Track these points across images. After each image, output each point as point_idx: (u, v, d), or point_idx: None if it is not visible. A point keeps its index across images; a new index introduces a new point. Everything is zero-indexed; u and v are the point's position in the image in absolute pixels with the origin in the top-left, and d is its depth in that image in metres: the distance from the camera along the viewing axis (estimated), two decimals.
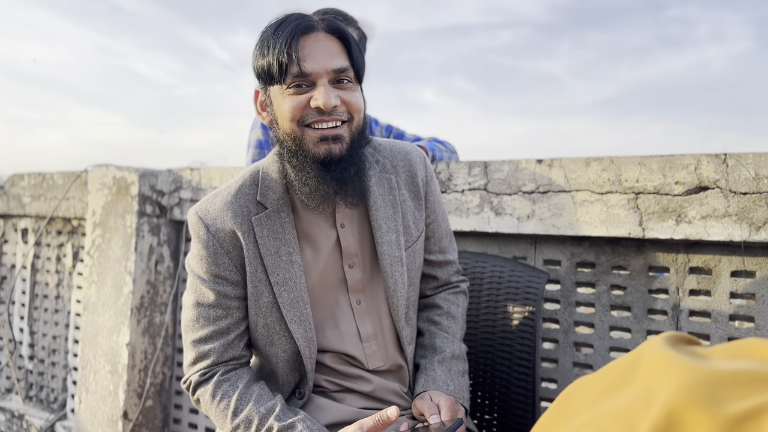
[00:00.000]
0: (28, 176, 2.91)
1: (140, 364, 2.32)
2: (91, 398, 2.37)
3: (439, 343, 1.31)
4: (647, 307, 1.58)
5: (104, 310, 2.36)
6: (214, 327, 1.19)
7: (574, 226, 1.58)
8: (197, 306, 1.20)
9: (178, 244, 2.45)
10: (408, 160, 1.31)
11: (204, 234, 1.19)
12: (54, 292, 2.88)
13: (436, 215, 1.35)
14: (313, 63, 1.09)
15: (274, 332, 1.20)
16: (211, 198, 1.22)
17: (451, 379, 1.26)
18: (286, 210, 1.20)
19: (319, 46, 1.11)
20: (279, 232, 1.19)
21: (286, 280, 1.19)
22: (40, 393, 2.91)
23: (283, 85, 1.11)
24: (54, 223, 2.87)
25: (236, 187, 1.22)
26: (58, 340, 2.85)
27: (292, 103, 1.10)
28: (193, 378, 1.21)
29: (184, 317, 1.23)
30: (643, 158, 1.50)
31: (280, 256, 1.19)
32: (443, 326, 1.34)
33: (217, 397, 1.18)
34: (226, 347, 1.20)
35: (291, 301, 1.19)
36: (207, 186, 2.27)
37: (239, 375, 1.21)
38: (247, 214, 1.19)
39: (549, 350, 1.71)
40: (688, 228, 1.44)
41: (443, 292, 1.40)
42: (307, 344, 1.20)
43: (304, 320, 1.19)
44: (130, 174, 2.34)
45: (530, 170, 1.64)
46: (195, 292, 1.21)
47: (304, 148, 1.12)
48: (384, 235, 1.24)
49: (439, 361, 1.28)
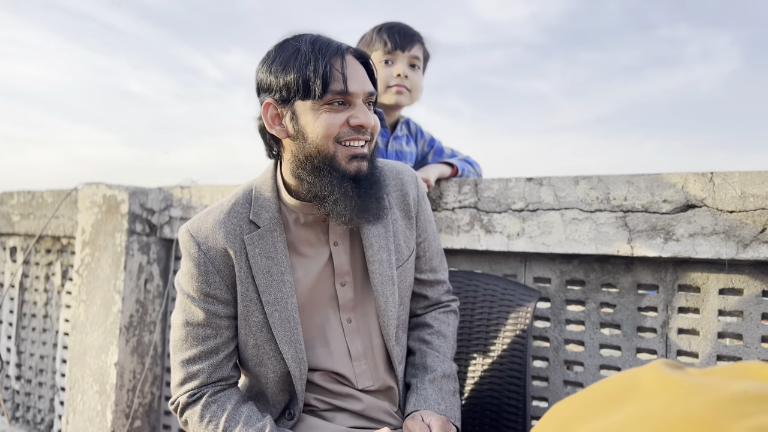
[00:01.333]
0: (18, 194, 2.90)
1: (128, 384, 2.29)
2: (79, 419, 2.34)
3: (430, 362, 1.30)
4: (636, 324, 1.58)
5: (93, 329, 2.34)
6: (203, 347, 1.19)
7: (564, 244, 1.59)
8: (186, 325, 1.19)
9: (168, 263, 2.44)
10: (400, 179, 1.33)
11: (195, 252, 1.19)
12: (42, 311, 2.85)
13: (427, 234, 1.36)
14: (356, 84, 1.13)
15: (264, 352, 1.20)
16: (203, 216, 1.23)
17: (442, 399, 1.26)
18: (279, 229, 1.20)
19: (356, 69, 1.15)
20: (271, 251, 1.19)
21: (278, 300, 1.19)
22: (26, 413, 2.87)
23: (319, 101, 1.11)
24: (43, 242, 2.85)
25: (229, 206, 1.22)
26: (45, 359, 2.82)
27: (329, 120, 1.12)
28: (181, 399, 1.20)
29: (173, 337, 1.22)
30: (631, 176, 1.51)
31: (271, 276, 1.19)
32: (434, 345, 1.34)
33: (206, 419, 1.17)
34: (215, 368, 1.20)
35: (282, 321, 1.18)
36: (197, 204, 2.27)
37: (228, 396, 1.20)
38: (240, 233, 1.19)
39: (540, 368, 1.71)
40: (676, 246, 1.45)
41: (434, 311, 1.40)
42: (298, 365, 1.19)
43: (294, 340, 1.19)
44: (120, 192, 2.33)
45: (520, 188, 1.65)
46: (184, 311, 1.20)
47: (336, 165, 1.13)
48: (375, 254, 1.25)
49: (430, 381, 1.27)
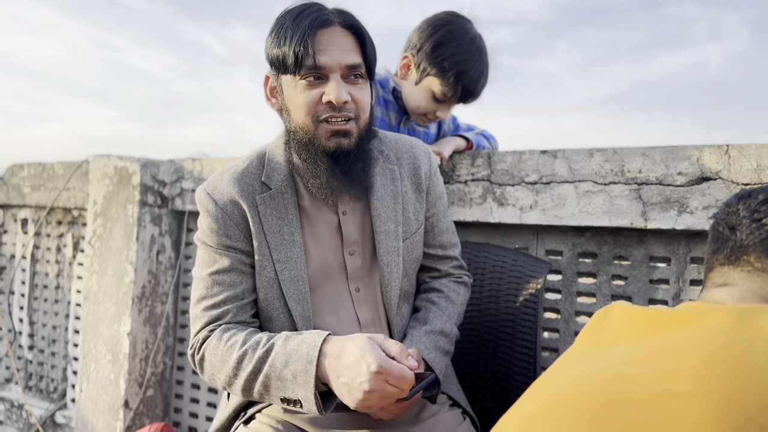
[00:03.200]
0: (28, 166, 2.91)
1: (141, 354, 2.32)
2: (92, 387, 2.37)
3: (431, 317, 1.30)
4: (648, 297, 1.59)
5: (105, 300, 2.36)
6: (230, 292, 1.19)
7: (577, 217, 1.59)
8: (212, 274, 1.20)
9: (180, 235, 2.45)
10: (413, 153, 1.34)
11: (213, 208, 1.21)
12: (54, 283, 2.88)
13: (437, 209, 1.37)
14: (328, 57, 1.11)
15: (273, 308, 1.22)
16: (218, 175, 1.25)
17: (433, 350, 1.25)
18: (290, 192, 1.23)
19: (335, 41, 1.13)
20: (282, 212, 1.21)
21: (288, 258, 1.21)
22: (39, 383, 2.91)
23: (296, 76, 1.13)
24: (54, 214, 2.87)
25: (243, 166, 1.25)
26: (57, 330, 2.85)
27: (305, 99, 1.13)
28: (201, 335, 1.19)
29: (196, 288, 1.22)
30: (646, 149, 1.51)
31: (282, 235, 1.21)
32: (440, 306, 1.34)
33: (225, 338, 1.15)
34: (239, 309, 1.20)
35: (291, 279, 1.20)
36: (209, 176, 2.27)
37: (245, 327, 1.20)
38: (252, 192, 1.22)
39: (550, 340, 1.73)
40: (690, 218, 1.45)
41: (445, 279, 1.41)
42: (305, 323, 1.21)
43: (302, 299, 1.21)
44: (131, 164, 2.34)
45: (534, 161, 1.65)
46: (209, 263, 1.22)
47: (316, 141, 1.14)
48: (383, 225, 1.26)
49: (426, 332, 1.27)
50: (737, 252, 0.80)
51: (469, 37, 1.62)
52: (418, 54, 1.64)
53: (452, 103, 1.67)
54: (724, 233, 0.83)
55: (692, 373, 0.53)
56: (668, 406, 0.51)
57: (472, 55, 1.61)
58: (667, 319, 0.67)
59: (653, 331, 0.66)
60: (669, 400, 0.52)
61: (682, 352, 0.57)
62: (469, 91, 1.63)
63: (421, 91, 1.66)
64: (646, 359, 0.59)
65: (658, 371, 0.55)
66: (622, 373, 0.58)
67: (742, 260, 0.79)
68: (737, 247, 0.80)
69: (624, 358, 0.62)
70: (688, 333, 0.61)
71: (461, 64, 1.59)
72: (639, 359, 0.59)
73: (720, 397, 0.50)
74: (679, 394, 0.52)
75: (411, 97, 1.70)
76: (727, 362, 0.52)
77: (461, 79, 1.60)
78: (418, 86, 1.66)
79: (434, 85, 1.63)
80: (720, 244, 0.83)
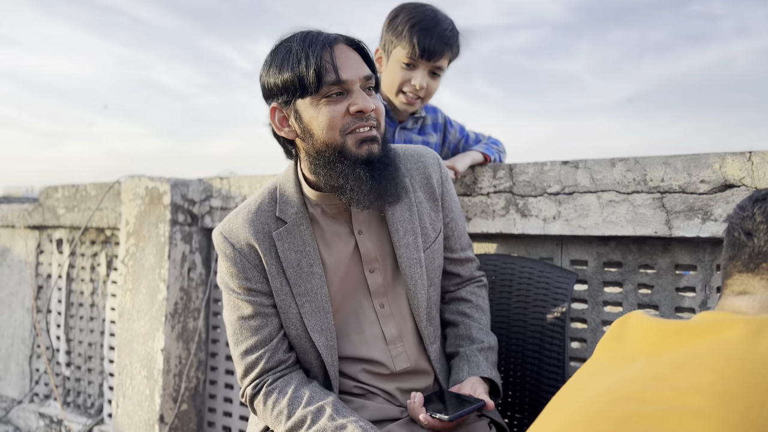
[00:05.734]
0: (62, 188, 3.00)
1: (175, 369, 2.38)
2: (128, 403, 2.43)
3: (476, 334, 1.36)
4: (675, 305, 1.59)
5: (139, 317, 2.43)
6: (258, 336, 1.25)
7: (601, 227, 1.60)
8: (238, 320, 1.26)
9: (210, 252, 2.51)
10: (422, 162, 1.35)
11: (230, 252, 1.25)
12: (89, 301, 2.96)
13: (454, 214, 1.39)
14: (348, 71, 1.15)
15: (304, 342, 1.26)
16: (233, 217, 1.28)
17: (490, 369, 1.32)
18: (305, 223, 1.25)
19: (348, 56, 1.17)
20: (299, 244, 1.24)
21: (308, 291, 1.24)
22: (77, 399, 2.99)
23: (317, 95, 1.14)
24: (88, 233, 2.96)
25: (256, 205, 1.28)
26: (93, 346, 2.93)
27: (331, 114, 1.14)
28: (247, 391, 1.26)
29: (229, 333, 1.28)
30: (668, 158, 1.52)
31: (301, 268, 1.24)
32: (476, 318, 1.39)
33: (269, 407, 1.22)
34: (272, 353, 1.25)
35: (312, 311, 1.24)
36: (236, 194, 2.33)
37: (287, 381, 1.24)
38: (268, 230, 1.24)
39: (577, 350, 1.73)
40: (714, 226, 1.45)
41: (468, 285, 1.44)
42: (329, 352, 1.24)
43: (325, 329, 1.24)
44: (162, 184, 2.40)
45: (555, 172, 1.67)
46: (233, 308, 1.26)
47: (347, 152, 1.16)
48: (402, 238, 1.28)
49: (479, 350, 1.33)
50: (756, 259, 0.78)
51: (422, 6, 1.70)
52: (382, 39, 1.72)
53: (422, 67, 1.67)
54: (741, 239, 0.80)
55: (709, 390, 0.54)
56: (685, 425, 0.53)
57: (426, 14, 1.67)
58: (683, 331, 0.67)
59: (670, 344, 0.67)
60: (685, 420, 0.53)
61: (698, 366, 0.58)
62: (429, 48, 1.65)
63: (391, 68, 1.70)
64: (662, 375, 0.60)
65: (675, 388, 0.56)
66: (640, 391, 0.60)
67: (761, 268, 0.77)
68: (755, 254, 0.78)
69: (641, 374, 0.63)
70: (704, 346, 0.61)
71: (414, 22, 1.65)
72: (655, 374, 0.61)
73: (738, 417, 0.51)
74: (695, 412, 0.53)
75: (386, 80, 1.73)
76: (744, 378, 0.54)
77: (416, 35, 1.64)
78: (389, 65, 1.71)
79: (398, 54, 1.67)
80: (737, 250, 0.81)
